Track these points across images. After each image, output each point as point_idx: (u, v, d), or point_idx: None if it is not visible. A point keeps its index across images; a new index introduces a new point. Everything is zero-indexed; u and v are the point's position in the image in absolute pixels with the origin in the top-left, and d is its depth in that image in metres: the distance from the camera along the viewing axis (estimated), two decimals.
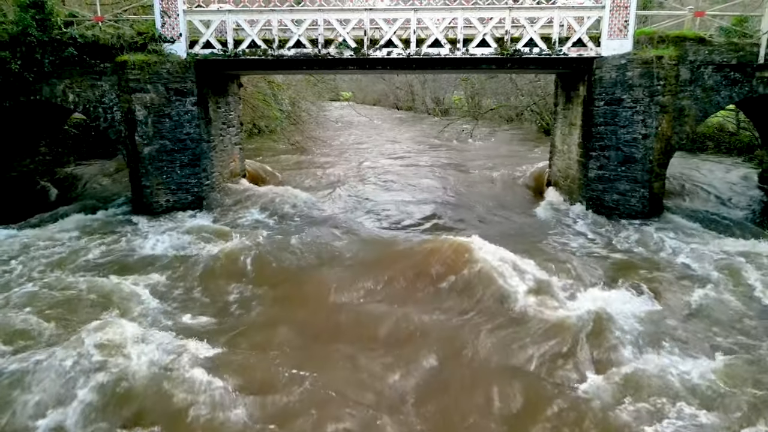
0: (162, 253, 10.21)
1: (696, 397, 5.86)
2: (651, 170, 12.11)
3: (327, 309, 7.99)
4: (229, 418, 5.49)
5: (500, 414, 5.75)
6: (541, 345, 6.88)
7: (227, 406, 5.62)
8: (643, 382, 6.06)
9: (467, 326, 7.47)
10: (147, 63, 12.20)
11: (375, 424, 5.53)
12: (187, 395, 5.71)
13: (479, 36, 12.19)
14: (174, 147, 12.72)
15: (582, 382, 6.23)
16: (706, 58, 11.91)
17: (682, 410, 5.65)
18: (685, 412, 5.64)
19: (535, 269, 8.69)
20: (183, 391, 5.76)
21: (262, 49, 12.51)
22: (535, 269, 8.69)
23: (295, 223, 12.50)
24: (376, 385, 6.23)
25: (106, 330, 6.59)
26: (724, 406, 5.70)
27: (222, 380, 5.96)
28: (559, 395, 5.97)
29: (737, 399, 5.76)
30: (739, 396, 5.81)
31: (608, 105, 12.11)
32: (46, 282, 8.58)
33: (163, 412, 5.56)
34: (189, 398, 5.68)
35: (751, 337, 7.16)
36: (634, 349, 6.71)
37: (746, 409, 5.62)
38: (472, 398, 5.98)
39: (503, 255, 8.91)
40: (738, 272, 8.97)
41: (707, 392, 5.92)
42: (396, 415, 5.70)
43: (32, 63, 12.26)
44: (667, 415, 5.60)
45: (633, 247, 10.62)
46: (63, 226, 11.72)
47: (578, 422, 5.55)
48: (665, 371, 6.24)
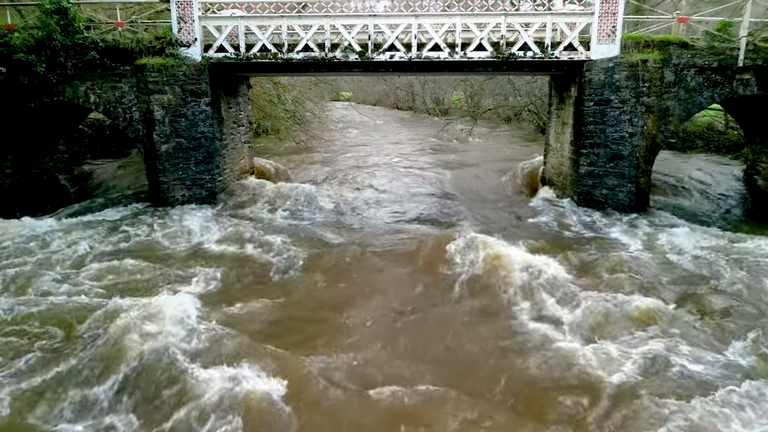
0: (186, 241, 11.03)
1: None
2: (637, 166, 12.91)
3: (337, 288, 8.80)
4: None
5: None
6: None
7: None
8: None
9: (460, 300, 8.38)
10: (165, 66, 13.00)
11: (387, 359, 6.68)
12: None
13: (476, 40, 12.97)
14: (189, 145, 13.51)
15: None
16: (689, 61, 12.71)
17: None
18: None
19: (521, 251, 9.64)
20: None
21: (272, 53, 13.30)
22: (521, 251, 9.64)
23: (304, 216, 13.34)
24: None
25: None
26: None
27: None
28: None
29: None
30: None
31: (597, 105, 12.89)
32: (93, 263, 9.55)
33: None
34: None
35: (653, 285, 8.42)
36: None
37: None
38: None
39: (498, 243, 9.72)
40: (700, 257, 9.80)
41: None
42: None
43: (56, 66, 13.05)
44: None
45: (607, 234, 11.54)
46: (90, 218, 12.52)
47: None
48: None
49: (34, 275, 8.87)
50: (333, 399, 6.00)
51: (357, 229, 12.31)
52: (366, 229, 12.31)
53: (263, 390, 5.78)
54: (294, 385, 6.00)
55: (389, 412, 5.81)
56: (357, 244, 10.95)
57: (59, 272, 9.11)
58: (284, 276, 9.50)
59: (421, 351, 7.13)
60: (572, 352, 6.80)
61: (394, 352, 7.11)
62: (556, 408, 5.89)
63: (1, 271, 9.08)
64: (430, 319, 7.94)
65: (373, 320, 7.93)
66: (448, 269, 9.29)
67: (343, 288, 8.97)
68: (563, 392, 6.11)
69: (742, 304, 7.91)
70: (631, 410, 5.65)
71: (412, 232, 11.73)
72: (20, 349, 6.63)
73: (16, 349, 6.63)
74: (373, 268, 9.64)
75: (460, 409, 5.85)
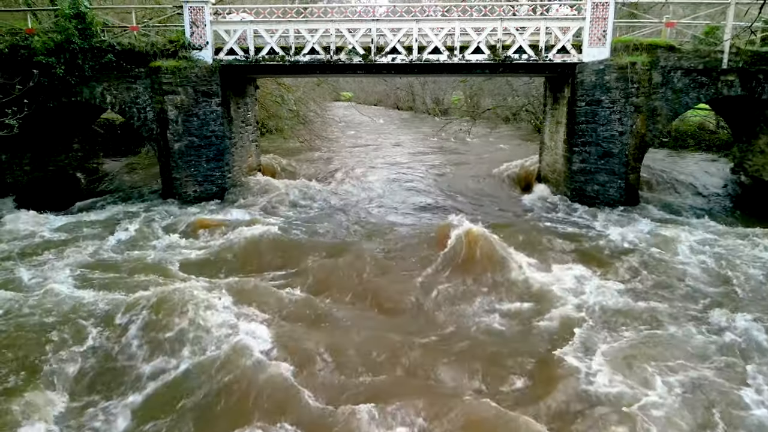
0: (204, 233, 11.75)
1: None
2: (627, 163, 13.60)
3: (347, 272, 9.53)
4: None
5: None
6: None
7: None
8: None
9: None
10: (178, 68, 13.68)
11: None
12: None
13: (474, 44, 13.64)
14: (201, 143, 14.19)
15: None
16: (676, 63, 13.39)
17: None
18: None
19: (514, 241, 10.46)
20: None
21: (280, 56, 13.97)
22: (514, 241, 10.46)
23: (310, 210, 14.05)
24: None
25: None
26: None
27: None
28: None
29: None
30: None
31: (589, 105, 13.56)
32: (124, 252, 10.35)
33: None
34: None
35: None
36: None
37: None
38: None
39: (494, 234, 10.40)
40: (671, 242, 10.55)
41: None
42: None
43: (75, 68, 13.73)
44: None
45: (593, 226, 12.31)
46: (106, 213, 13.21)
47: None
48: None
49: (76, 261, 9.74)
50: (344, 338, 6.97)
51: (360, 221, 13.00)
52: (369, 221, 12.99)
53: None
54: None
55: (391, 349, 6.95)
56: (359, 234, 11.65)
57: (92, 259, 9.81)
58: (291, 259, 10.22)
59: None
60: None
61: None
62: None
63: (44, 257, 9.85)
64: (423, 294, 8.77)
65: (372, 295, 8.78)
66: (443, 254, 9.99)
67: (344, 269, 9.74)
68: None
69: (686, 281, 8.95)
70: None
71: (412, 224, 12.44)
72: (82, 326, 7.36)
73: (82, 328, 7.34)
74: (375, 255, 10.31)
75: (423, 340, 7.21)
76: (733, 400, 5.97)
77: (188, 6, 13.63)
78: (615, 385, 6.19)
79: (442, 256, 9.73)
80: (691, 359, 6.68)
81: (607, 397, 5.99)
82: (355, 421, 5.45)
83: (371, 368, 6.66)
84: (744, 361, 6.65)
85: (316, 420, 5.60)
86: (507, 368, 6.75)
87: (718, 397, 6.01)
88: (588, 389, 6.12)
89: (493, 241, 9.82)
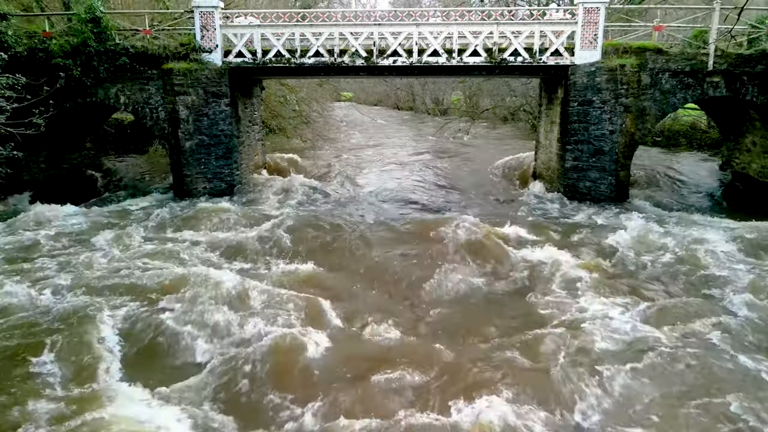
0: (216, 224, 12.43)
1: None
2: (617, 161, 14.25)
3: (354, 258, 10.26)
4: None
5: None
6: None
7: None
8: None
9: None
10: (189, 70, 14.34)
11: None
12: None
13: (472, 47, 14.29)
14: (210, 142, 14.85)
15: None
16: (664, 65, 14.05)
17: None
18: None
19: (507, 231, 11.32)
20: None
21: (286, 58, 14.62)
22: (507, 231, 11.32)
23: (315, 205, 14.73)
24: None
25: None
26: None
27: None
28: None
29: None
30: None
31: (581, 105, 14.21)
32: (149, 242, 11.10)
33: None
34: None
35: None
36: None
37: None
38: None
39: (488, 225, 11.09)
40: (650, 233, 11.25)
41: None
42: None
43: (90, 70, 14.37)
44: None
45: (582, 219, 13.09)
46: (121, 207, 13.90)
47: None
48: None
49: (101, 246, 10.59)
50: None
51: (363, 214, 13.70)
52: (371, 215, 13.69)
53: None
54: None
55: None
56: (362, 225, 12.31)
57: (118, 249, 10.50)
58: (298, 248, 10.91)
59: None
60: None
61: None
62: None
63: (68, 243, 10.61)
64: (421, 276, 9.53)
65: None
66: (441, 244, 10.70)
67: (351, 252, 10.56)
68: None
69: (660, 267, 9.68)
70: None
71: (412, 218, 13.08)
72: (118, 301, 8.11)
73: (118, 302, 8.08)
74: (376, 243, 11.01)
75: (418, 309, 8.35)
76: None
77: (199, 10, 14.29)
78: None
79: (439, 242, 10.41)
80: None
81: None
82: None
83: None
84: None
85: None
86: (497, 314, 7.99)
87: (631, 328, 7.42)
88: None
89: (486, 231, 10.50)
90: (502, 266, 9.77)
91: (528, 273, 9.46)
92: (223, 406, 5.99)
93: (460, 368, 6.52)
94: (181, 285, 8.19)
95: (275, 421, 5.77)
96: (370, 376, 6.35)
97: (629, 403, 5.97)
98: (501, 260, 9.88)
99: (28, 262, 9.85)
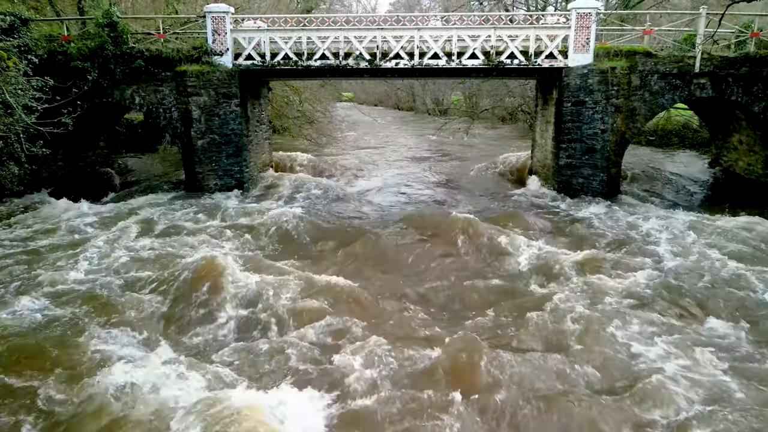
0: (231, 215, 13.20)
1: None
2: (608, 158, 14.98)
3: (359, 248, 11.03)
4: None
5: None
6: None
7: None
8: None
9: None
10: (201, 72, 15.07)
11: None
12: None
13: (470, 50, 15.01)
14: (221, 140, 15.58)
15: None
16: (653, 68, 14.77)
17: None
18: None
19: (502, 223, 12.01)
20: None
21: (293, 61, 15.35)
22: (502, 223, 12.01)
23: (320, 200, 15.46)
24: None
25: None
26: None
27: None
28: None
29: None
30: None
31: (574, 106, 14.93)
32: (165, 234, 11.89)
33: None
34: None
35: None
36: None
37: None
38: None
39: (486, 220, 11.83)
40: (637, 226, 12.08)
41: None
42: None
43: (107, 72, 15.08)
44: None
45: (573, 213, 13.81)
46: (141, 202, 14.63)
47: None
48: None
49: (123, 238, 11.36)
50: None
51: (364, 210, 14.48)
52: (372, 211, 14.46)
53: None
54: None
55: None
56: (364, 219, 13.10)
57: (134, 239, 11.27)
58: (305, 239, 11.65)
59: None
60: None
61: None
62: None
63: (93, 233, 11.46)
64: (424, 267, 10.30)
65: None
66: (438, 234, 11.46)
67: (356, 242, 11.29)
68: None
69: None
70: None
71: (413, 211, 13.82)
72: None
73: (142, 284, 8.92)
74: (378, 233, 11.75)
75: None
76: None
77: (211, 15, 15.02)
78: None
79: (439, 234, 11.17)
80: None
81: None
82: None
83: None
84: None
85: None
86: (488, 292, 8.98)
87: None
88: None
89: (482, 224, 11.27)
90: (496, 255, 10.48)
91: (521, 260, 10.18)
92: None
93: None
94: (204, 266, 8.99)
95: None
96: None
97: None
98: (495, 249, 10.60)
99: (75, 245, 10.84)
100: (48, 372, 6.32)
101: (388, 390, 6.16)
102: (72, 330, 7.30)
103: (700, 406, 5.88)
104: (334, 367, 6.64)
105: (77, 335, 7.17)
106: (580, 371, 6.58)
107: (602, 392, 6.26)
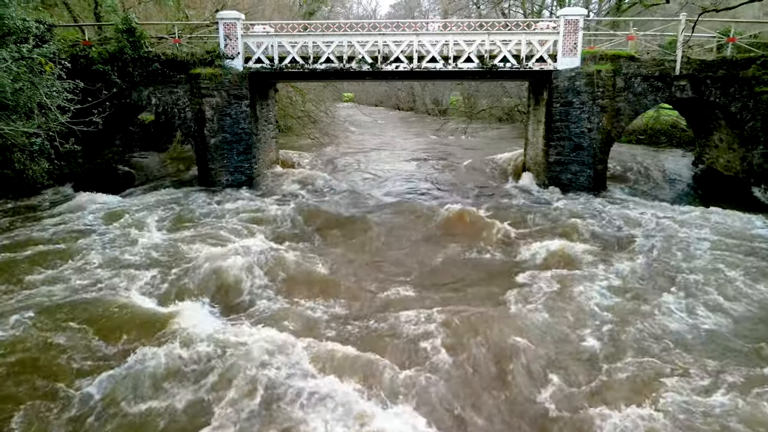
0: (239, 209, 14.22)
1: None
2: (595, 155, 16.02)
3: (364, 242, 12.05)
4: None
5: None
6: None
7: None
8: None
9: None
10: (214, 75, 16.12)
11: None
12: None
13: (466, 54, 16.05)
14: (232, 139, 16.63)
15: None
16: (636, 71, 15.81)
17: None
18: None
19: (495, 215, 13.06)
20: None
21: (300, 64, 16.39)
22: (495, 215, 13.06)
23: (325, 195, 16.51)
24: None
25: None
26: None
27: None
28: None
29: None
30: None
31: (563, 106, 15.97)
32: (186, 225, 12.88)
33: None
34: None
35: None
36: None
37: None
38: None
39: (479, 211, 12.88)
40: (618, 217, 13.11)
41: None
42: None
43: (126, 74, 16.15)
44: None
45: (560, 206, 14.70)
46: (158, 195, 15.66)
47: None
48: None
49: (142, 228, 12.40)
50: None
51: (367, 203, 15.50)
52: (374, 204, 15.48)
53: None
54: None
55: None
56: (367, 212, 14.13)
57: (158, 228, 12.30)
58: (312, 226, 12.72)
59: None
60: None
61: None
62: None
63: (125, 229, 12.50)
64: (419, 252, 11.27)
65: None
66: (435, 223, 12.48)
67: (361, 232, 12.34)
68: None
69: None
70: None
71: (412, 204, 14.87)
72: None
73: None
74: (378, 223, 12.81)
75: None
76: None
77: (223, 22, 16.07)
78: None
79: (434, 222, 12.22)
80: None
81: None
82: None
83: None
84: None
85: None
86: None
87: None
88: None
89: (477, 215, 12.31)
90: (489, 242, 11.54)
91: (510, 246, 11.25)
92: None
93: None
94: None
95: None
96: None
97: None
98: (489, 237, 11.66)
99: (114, 227, 12.21)
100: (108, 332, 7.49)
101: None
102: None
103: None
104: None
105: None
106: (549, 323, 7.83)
107: (564, 340, 7.44)
